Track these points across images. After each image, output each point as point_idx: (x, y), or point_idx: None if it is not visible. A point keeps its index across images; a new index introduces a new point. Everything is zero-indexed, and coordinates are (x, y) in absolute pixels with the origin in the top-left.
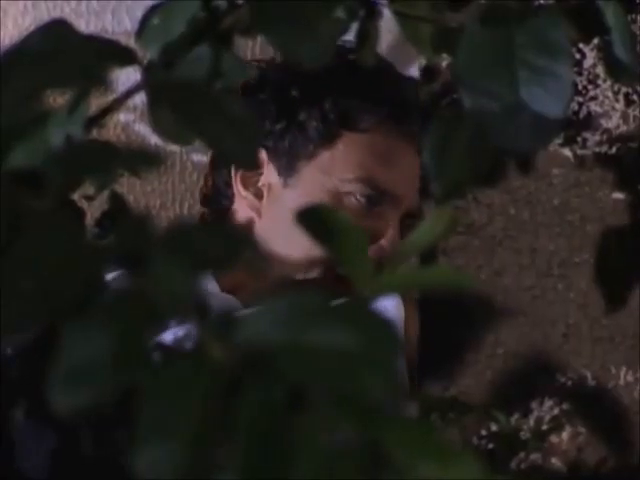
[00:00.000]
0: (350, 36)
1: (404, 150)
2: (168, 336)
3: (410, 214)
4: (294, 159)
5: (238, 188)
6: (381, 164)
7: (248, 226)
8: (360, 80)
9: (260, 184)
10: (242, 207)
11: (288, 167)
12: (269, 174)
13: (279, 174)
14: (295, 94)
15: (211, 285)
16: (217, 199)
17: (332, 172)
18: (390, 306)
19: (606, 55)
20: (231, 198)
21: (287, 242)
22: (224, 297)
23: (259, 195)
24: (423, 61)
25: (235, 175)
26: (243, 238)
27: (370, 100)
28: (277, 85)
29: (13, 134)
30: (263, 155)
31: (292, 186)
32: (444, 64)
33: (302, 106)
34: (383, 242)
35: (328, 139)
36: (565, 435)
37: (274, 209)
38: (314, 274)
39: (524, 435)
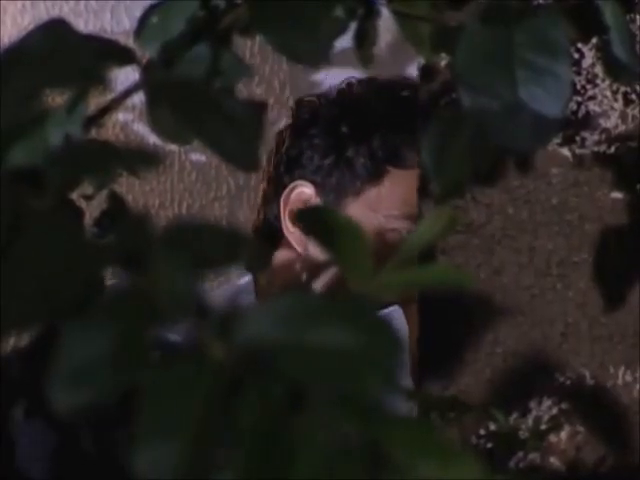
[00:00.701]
0: (349, 36)
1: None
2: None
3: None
4: (341, 195)
5: (286, 224)
6: (417, 200)
7: (296, 262)
8: (407, 117)
9: None
10: (290, 242)
11: (335, 203)
12: None
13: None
14: (344, 130)
15: (248, 284)
16: (267, 232)
17: (378, 209)
18: (396, 315)
19: (605, 55)
20: (281, 232)
21: (327, 279)
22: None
23: None
24: (422, 60)
25: (284, 210)
26: (243, 237)
27: (415, 137)
28: (327, 120)
29: (12, 134)
30: (312, 190)
31: None
32: (443, 64)
33: (350, 142)
34: None
35: (375, 176)
36: (564, 434)
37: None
38: None
39: (523, 434)
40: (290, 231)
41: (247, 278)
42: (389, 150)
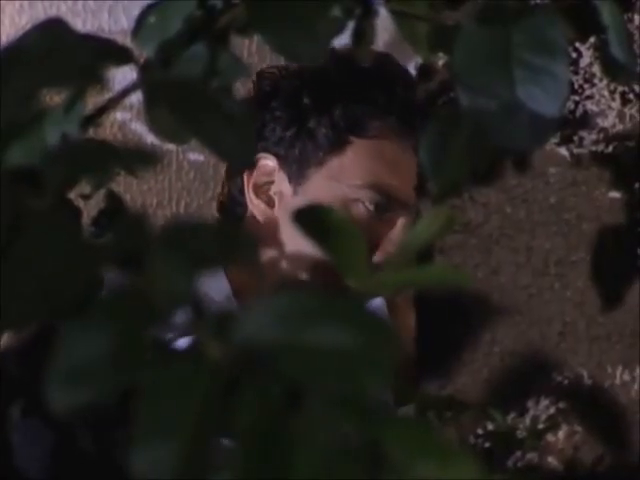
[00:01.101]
0: (346, 35)
1: (408, 154)
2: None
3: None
4: (304, 167)
5: (250, 196)
6: (389, 170)
7: (261, 234)
8: (369, 87)
9: (272, 192)
10: (255, 215)
11: (298, 175)
12: (280, 182)
13: (290, 182)
14: (306, 101)
15: (223, 285)
16: (232, 207)
17: (341, 179)
18: (378, 306)
19: (602, 54)
20: (245, 206)
21: (296, 250)
22: (224, 300)
23: (271, 203)
24: (419, 60)
25: (248, 183)
26: (240, 236)
27: (378, 107)
28: (288, 92)
29: (10, 133)
30: (274, 163)
31: (302, 194)
32: (440, 63)
33: (312, 113)
34: (391, 248)
35: (337, 146)
36: (561, 434)
37: (286, 216)
38: (318, 279)
39: (520, 434)
40: (254, 204)
41: (223, 283)
42: (351, 120)
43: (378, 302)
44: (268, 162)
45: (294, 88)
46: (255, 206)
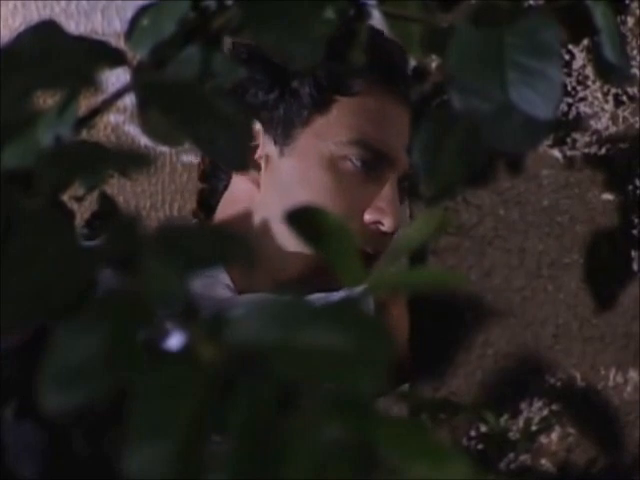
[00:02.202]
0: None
1: (396, 111)
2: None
3: (407, 176)
4: (289, 127)
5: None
6: (375, 126)
7: (248, 199)
8: (350, 46)
9: (257, 156)
10: (240, 180)
11: (284, 136)
12: (265, 145)
13: (275, 144)
14: None
15: (219, 281)
16: (215, 174)
17: (327, 137)
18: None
19: (595, 56)
20: (229, 172)
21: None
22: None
23: (257, 167)
24: (413, 62)
25: None
26: (234, 237)
27: (360, 63)
28: (267, 56)
29: (4, 135)
30: (258, 126)
31: (289, 154)
32: (434, 65)
33: (294, 74)
34: (381, 204)
35: (322, 104)
36: (555, 436)
37: (273, 179)
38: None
39: (513, 436)
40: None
41: (225, 280)
42: (333, 78)
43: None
44: (253, 125)
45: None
46: (239, 184)
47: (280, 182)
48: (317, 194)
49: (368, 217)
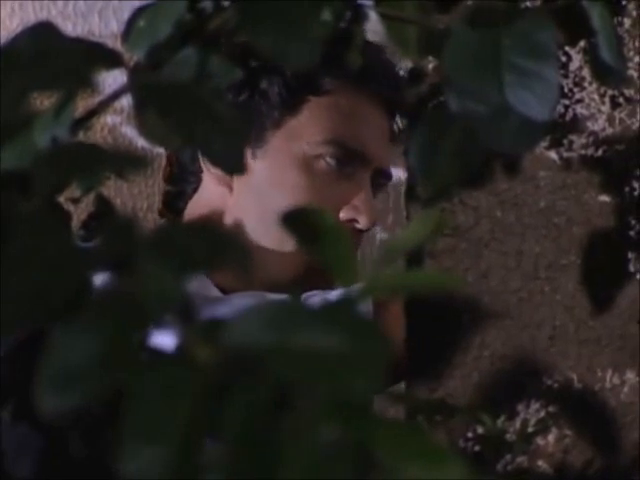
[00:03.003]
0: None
1: (369, 110)
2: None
3: (381, 173)
4: (260, 129)
5: (206, 165)
6: (347, 124)
7: (220, 202)
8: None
9: None
10: (212, 183)
11: (256, 138)
12: None
13: (247, 146)
14: (255, 64)
15: (205, 284)
16: (183, 176)
17: (299, 137)
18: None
19: (592, 58)
20: (198, 174)
21: (260, 214)
22: (216, 296)
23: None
24: (409, 63)
25: None
26: (229, 239)
27: (330, 62)
28: (236, 57)
29: (1, 136)
30: None
31: (261, 157)
32: (430, 66)
33: (262, 74)
34: (356, 202)
35: (292, 105)
36: (551, 437)
37: (246, 182)
38: (291, 247)
39: (510, 437)
40: (212, 171)
41: (205, 282)
42: (303, 78)
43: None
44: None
45: (241, 52)
46: (213, 174)
47: (254, 185)
48: (291, 195)
49: (343, 215)
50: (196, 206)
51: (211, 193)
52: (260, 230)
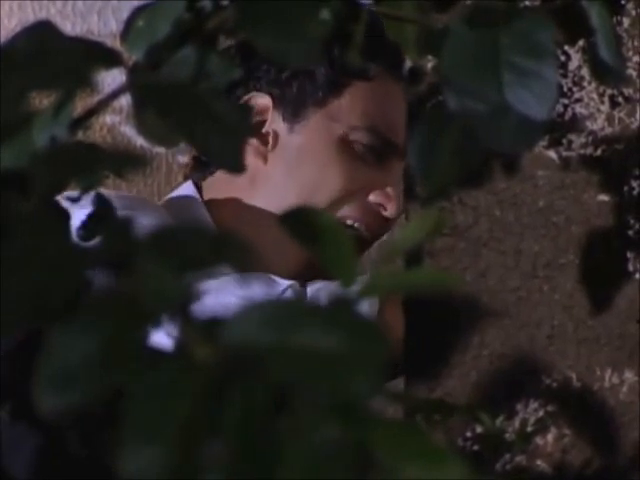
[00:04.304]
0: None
1: (402, 101)
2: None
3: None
4: (302, 106)
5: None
6: (385, 113)
7: (254, 172)
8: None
9: (264, 130)
10: (247, 153)
11: (295, 114)
12: (273, 121)
13: (284, 120)
14: None
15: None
16: None
17: (339, 119)
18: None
19: (591, 57)
20: None
21: (290, 187)
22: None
23: (264, 141)
24: (408, 62)
25: None
26: (229, 239)
27: (375, 49)
28: None
29: (0, 136)
30: (267, 101)
31: (299, 132)
32: (429, 66)
33: None
34: (388, 189)
35: (336, 87)
36: (550, 437)
37: (280, 154)
38: None
39: (509, 437)
40: (248, 144)
41: (187, 189)
42: (349, 62)
43: (366, 306)
44: (260, 100)
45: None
46: (249, 144)
47: (288, 157)
48: (324, 172)
49: (373, 198)
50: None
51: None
52: (285, 204)
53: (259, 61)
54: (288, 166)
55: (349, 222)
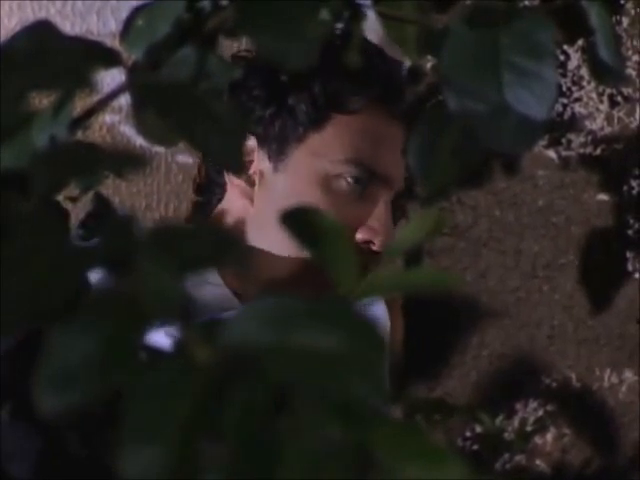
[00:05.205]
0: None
1: (393, 130)
2: (160, 337)
3: (399, 195)
4: (284, 143)
5: (230, 176)
6: (370, 145)
7: (242, 213)
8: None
9: (251, 171)
10: (234, 195)
11: (278, 152)
12: (259, 161)
13: (269, 160)
14: (284, 78)
15: (215, 280)
16: (210, 188)
17: (322, 155)
18: (379, 312)
19: (591, 57)
20: (223, 186)
21: (279, 225)
22: (224, 294)
23: (251, 182)
24: (408, 63)
25: None
26: (229, 239)
27: (358, 81)
28: (265, 70)
29: (0, 136)
30: (253, 142)
31: (283, 170)
32: (429, 66)
33: (291, 90)
34: (374, 224)
35: (318, 122)
36: (549, 436)
37: (266, 195)
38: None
39: (508, 436)
40: (234, 184)
41: (215, 279)
42: (330, 96)
43: (380, 308)
44: (247, 142)
45: (271, 66)
46: (236, 186)
47: (274, 197)
48: None
49: (360, 236)
50: (219, 215)
51: (233, 204)
52: (274, 245)
53: (242, 101)
54: (275, 206)
55: None
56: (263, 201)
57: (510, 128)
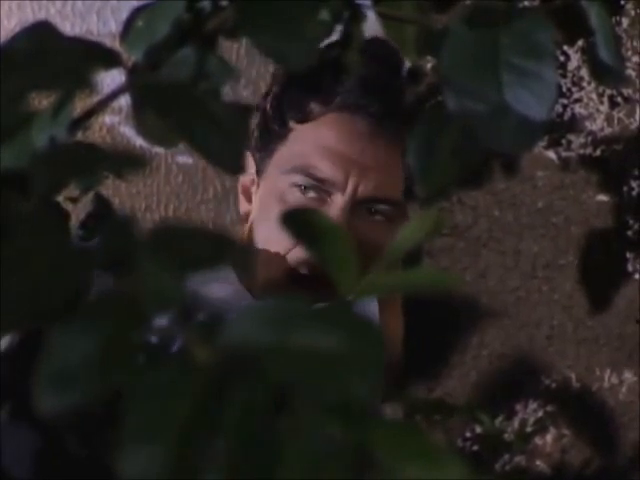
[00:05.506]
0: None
1: (354, 136)
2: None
3: (374, 200)
4: (262, 159)
5: (240, 198)
6: (320, 152)
7: (248, 214)
8: (314, 70)
9: (252, 190)
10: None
11: (259, 168)
12: (255, 179)
13: (257, 174)
14: (269, 100)
15: (230, 277)
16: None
17: (282, 166)
18: (371, 310)
19: (590, 57)
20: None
21: (257, 237)
22: (238, 291)
23: (250, 200)
24: (408, 63)
25: (239, 187)
26: (229, 240)
27: (314, 90)
28: (273, 93)
29: (1, 136)
30: (252, 163)
31: (261, 186)
32: (429, 66)
33: (268, 101)
34: None
35: (283, 134)
36: (549, 437)
37: (256, 212)
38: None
39: (508, 437)
40: (241, 204)
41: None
42: (291, 106)
43: (373, 308)
44: (248, 163)
45: (276, 88)
46: (241, 206)
47: (255, 209)
48: (269, 227)
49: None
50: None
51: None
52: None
53: (255, 124)
54: (256, 218)
55: (303, 271)
56: (255, 217)
57: (510, 128)
